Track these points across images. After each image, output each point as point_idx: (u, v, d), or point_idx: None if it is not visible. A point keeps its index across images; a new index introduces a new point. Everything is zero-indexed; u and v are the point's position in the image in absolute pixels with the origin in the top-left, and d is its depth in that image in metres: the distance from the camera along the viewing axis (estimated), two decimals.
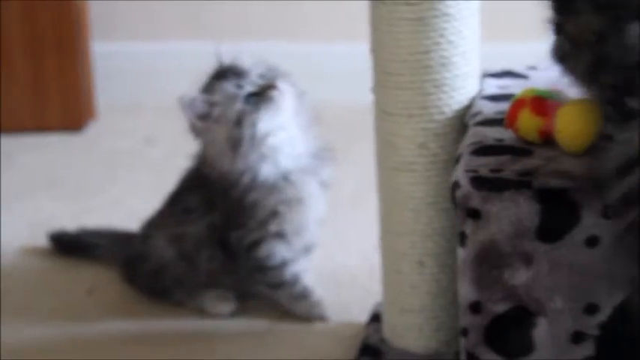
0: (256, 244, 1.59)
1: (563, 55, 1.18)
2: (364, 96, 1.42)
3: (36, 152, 2.41)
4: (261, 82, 1.55)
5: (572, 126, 1.14)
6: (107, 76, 2.60)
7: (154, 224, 1.71)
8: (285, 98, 1.55)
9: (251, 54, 1.64)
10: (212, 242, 1.64)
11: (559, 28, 1.18)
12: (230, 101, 1.54)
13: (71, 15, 2.53)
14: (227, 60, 1.62)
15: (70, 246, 1.85)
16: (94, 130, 2.49)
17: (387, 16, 1.32)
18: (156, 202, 1.72)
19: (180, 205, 1.68)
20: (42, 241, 1.87)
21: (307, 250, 1.65)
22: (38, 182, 2.22)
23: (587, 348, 1.12)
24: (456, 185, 1.12)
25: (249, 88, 1.55)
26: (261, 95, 1.54)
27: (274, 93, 1.53)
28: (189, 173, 1.68)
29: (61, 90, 2.50)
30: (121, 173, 2.23)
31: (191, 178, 1.68)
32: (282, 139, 1.57)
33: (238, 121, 1.54)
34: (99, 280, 1.76)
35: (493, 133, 1.24)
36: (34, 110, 2.51)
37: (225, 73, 1.58)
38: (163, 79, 2.53)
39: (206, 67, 1.62)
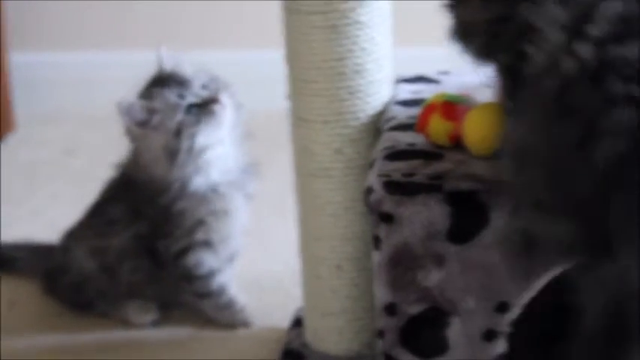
0: (184, 252, 1.58)
1: (458, 35, 1.20)
2: (283, 103, 1.42)
3: None
4: (203, 93, 1.54)
5: (479, 130, 1.16)
6: (26, 87, 2.55)
7: (75, 236, 1.69)
8: (226, 113, 1.55)
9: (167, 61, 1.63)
10: (136, 253, 1.62)
11: (453, 9, 1.20)
12: (171, 110, 1.53)
13: None
14: (168, 66, 1.60)
15: None
16: (12, 142, 2.43)
17: (301, 24, 1.33)
18: (77, 213, 1.70)
19: (103, 217, 1.66)
20: None
21: (232, 258, 1.65)
22: None
23: (500, 345, 1.13)
24: (369, 190, 1.13)
25: (191, 98, 1.53)
26: (203, 108, 1.53)
27: (216, 107, 1.53)
28: (113, 183, 1.66)
29: None
30: (41, 184, 2.18)
31: (115, 188, 1.66)
32: (218, 152, 1.57)
33: (177, 132, 1.52)
34: (19, 293, 1.73)
35: (406, 138, 1.25)
36: None
37: (166, 81, 1.56)
38: (83, 89, 2.52)
39: (126, 77, 1.57)
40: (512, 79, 1.09)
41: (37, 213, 1.93)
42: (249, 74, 1.92)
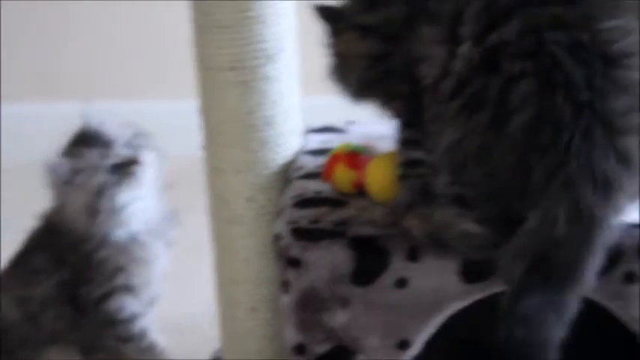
0: (105, 297, 1.58)
1: (336, 75, 1.26)
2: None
3: None
4: (126, 152, 1.56)
5: (379, 178, 1.21)
6: None
7: None
8: (147, 172, 1.57)
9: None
10: (59, 301, 1.61)
11: (331, 50, 1.27)
12: (93, 171, 1.54)
13: None
14: (93, 123, 1.61)
15: None
16: None
17: (213, 80, 1.37)
18: None
19: (26, 266, 1.64)
20: None
21: (152, 303, 1.66)
22: None
23: None
24: (277, 237, 1.18)
25: (113, 159, 1.55)
26: (125, 168, 1.55)
27: (137, 168, 1.55)
28: (36, 232, 1.65)
29: None
30: None
31: (38, 238, 1.65)
32: (138, 206, 1.59)
33: (99, 192, 1.54)
34: None
35: (313, 186, 1.30)
36: None
37: (90, 140, 1.57)
38: (6, 140, 2.49)
39: (51, 128, 1.57)
40: (411, 104, 1.15)
41: None
42: (172, 122, 1.96)
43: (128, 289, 1.60)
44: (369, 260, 1.13)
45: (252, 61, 1.35)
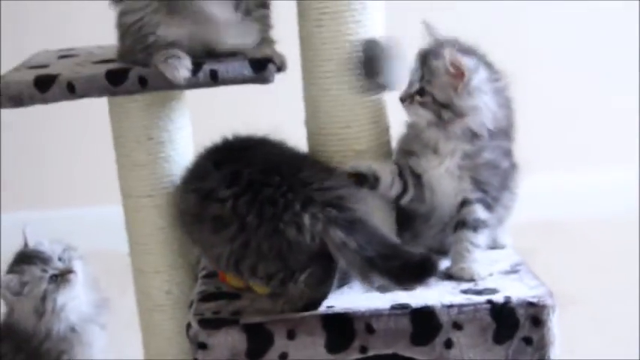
0: None
1: None
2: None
3: None
4: (60, 265, 1.62)
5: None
6: None
7: None
8: (78, 277, 1.63)
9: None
10: None
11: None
12: (37, 282, 1.61)
13: None
14: (30, 239, 1.68)
15: None
16: None
17: (134, 204, 1.53)
18: None
19: None
20: None
21: None
22: None
23: None
24: (188, 326, 1.28)
25: (52, 271, 1.61)
26: (62, 277, 1.62)
27: (71, 276, 1.62)
28: (1, 328, 1.70)
29: None
30: None
31: (1, 332, 1.70)
32: (74, 303, 1.64)
33: (43, 298, 1.61)
34: None
35: (214, 283, 1.42)
36: None
37: (31, 258, 1.64)
38: None
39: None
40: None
41: None
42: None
43: None
44: (258, 341, 1.24)
45: (164, 189, 1.49)
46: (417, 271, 1.24)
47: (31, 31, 2.44)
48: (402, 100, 1.34)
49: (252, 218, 1.27)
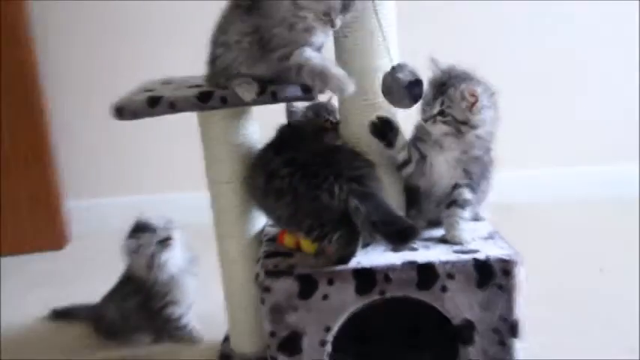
0: (163, 307, 1.73)
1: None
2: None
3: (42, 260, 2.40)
4: (164, 234, 1.68)
5: (306, 242, 1.34)
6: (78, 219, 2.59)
7: (107, 299, 1.79)
8: (176, 243, 1.69)
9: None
10: (140, 308, 1.74)
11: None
12: (148, 245, 1.67)
13: (53, 186, 2.48)
14: (143, 214, 1.72)
15: (63, 315, 1.93)
16: (68, 250, 2.51)
17: (217, 190, 1.50)
18: (104, 290, 1.81)
19: (121, 292, 1.79)
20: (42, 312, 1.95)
21: (190, 307, 1.76)
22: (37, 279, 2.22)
23: (328, 348, 1.28)
24: (257, 275, 1.30)
25: (157, 238, 1.67)
26: (164, 242, 1.68)
27: (171, 242, 1.68)
28: (124, 276, 1.78)
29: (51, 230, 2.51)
30: (87, 275, 2.21)
31: (125, 278, 1.77)
32: (174, 259, 1.71)
33: (152, 256, 1.68)
34: (81, 330, 1.85)
35: (273, 246, 1.43)
36: (37, 236, 2.49)
37: (144, 228, 1.69)
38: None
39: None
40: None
41: (89, 289, 1.92)
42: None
43: (174, 302, 1.74)
44: (306, 285, 1.26)
45: (238, 177, 1.47)
46: (404, 236, 1.25)
47: (142, 65, 2.42)
48: (425, 120, 1.32)
49: (301, 188, 1.29)
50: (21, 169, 2.40)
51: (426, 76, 1.32)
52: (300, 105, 1.47)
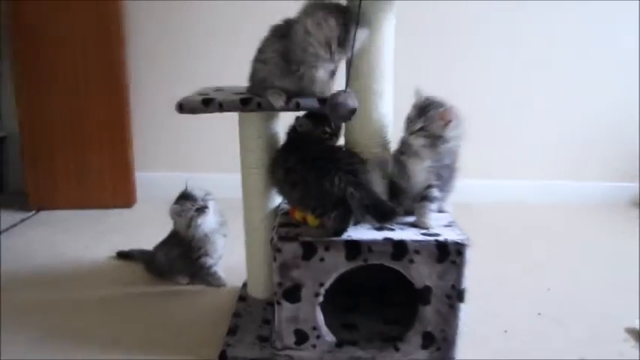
0: (198, 257, 1.69)
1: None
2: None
3: (115, 215, 2.36)
4: (201, 203, 1.64)
5: (311, 217, 1.29)
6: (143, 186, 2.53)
7: (158, 248, 1.76)
8: (210, 211, 1.65)
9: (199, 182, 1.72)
10: (183, 255, 1.69)
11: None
12: (188, 211, 1.64)
13: (128, 160, 2.41)
14: (188, 187, 1.69)
15: (125, 256, 1.90)
16: (136, 208, 2.45)
17: (246, 173, 1.45)
18: (158, 238, 1.77)
19: (169, 243, 1.72)
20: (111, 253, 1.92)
21: (219, 258, 1.72)
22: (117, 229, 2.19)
23: (320, 299, 1.23)
24: (271, 239, 1.25)
25: (196, 206, 1.64)
26: (201, 210, 1.65)
27: (206, 210, 1.64)
28: (170, 233, 1.73)
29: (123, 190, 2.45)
30: (150, 227, 2.18)
31: (172, 235, 1.74)
32: (207, 223, 1.67)
33: (190, 219, 1.64)
34: (137, 269, 1.82)
35: (286, 219, 1.36)
36: (113, 196, 2.44)
37: (187, 196, 1.66)
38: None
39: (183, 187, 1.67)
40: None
41: (147, 239, 1.88)
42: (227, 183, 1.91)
43: (207, 254, 1.70)
44: (308, 249, 1.22)
45: (263, 165, 1.45)
46: (388, 216, 1.23)
47: (197, 75, 2.40)
48: (410, 133, 1.29)
49: (310, 179, 1.26)
50: (106, 145, 2.39)
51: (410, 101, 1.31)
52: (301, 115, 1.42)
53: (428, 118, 1.25)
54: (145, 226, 2.20)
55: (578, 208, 2.51)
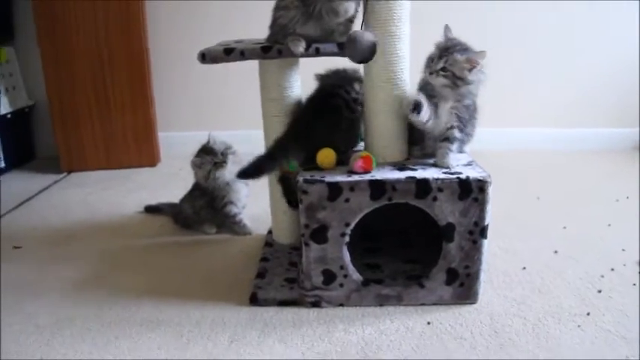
0: (223, 206, 1.67)
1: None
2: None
3: (141, 173, 2.35)
4: (220, 157, 1.62)
5: (323, 160, 1.28)
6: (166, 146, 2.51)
7: (183, 200, 1.74)
8: (228, 165, 1.62)
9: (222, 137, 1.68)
10: (207, 206, 1.68)
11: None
12: (207, 164, 1.63)
13: (151, 121, 2.39)
14: (210, 141, 1.66)
15: (153, 210, 1.88)
16: (160, 167, 2.43)
17: (268, 112, 1.42)
18: (182, 192, 1.74)
19: (192, 195, 1.72)
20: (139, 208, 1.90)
21: (244, 207, 1.70)
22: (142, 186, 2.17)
23: (346, 239, 1.21)
24: (297, 181, 1.20)
25: (215, 159, 1.63)
26: (219, 164, 1.63)
27: (224, 164, 1.62)
28: (194, 185, 1.72)
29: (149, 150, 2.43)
30: (174, 183, 2.16)
31: (195, 187, 1.72)
32: (225, 175, 1.64)
33: (209, 171, 1.63)
34: (165, 221, 1.81)
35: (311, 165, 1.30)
36: (138, 156, 2.42)
37: (207, 150, 1.64)
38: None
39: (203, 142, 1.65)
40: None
41: (172, 194, 1.88)
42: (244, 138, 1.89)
43: (232, 202, 1.68)
44: (334, 191, 1.19)
45: (285, 112, 1.41)
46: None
47: (221, 29, 2.33)
48: (430, 73, 1.23)
49: (324, 120, 1.27)
50: (129, 109, 2.37)
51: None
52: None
53: (452, 58, 1.20)
54: (169, 182, 2.18)
55: (585, 153, 2.48)
